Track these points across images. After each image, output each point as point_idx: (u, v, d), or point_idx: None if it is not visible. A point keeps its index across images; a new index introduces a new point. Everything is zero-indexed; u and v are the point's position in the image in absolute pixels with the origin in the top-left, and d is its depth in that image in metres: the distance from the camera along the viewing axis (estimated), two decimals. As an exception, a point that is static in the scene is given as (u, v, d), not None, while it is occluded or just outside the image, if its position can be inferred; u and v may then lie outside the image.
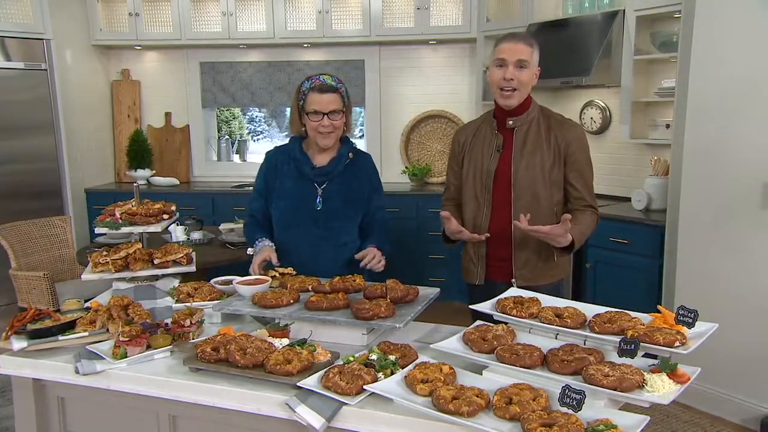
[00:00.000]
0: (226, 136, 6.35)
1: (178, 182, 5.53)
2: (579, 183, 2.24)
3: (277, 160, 2.45)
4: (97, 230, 2.13)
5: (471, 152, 2.31)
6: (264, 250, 2.31)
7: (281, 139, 7.51)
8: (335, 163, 2.39)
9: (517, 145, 2.23)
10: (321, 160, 2.41)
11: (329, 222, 2.38)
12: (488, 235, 2.24)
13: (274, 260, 2.25)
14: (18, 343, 1.74)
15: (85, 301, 2.09)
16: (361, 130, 6.01)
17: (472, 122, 2.45)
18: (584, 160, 2.25)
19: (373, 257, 2.28)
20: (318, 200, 2.37)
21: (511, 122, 2.23)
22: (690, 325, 1.52)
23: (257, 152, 6.75)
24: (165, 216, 2.19)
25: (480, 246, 2.30)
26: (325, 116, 2.28)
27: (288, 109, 7.36)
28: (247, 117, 7.94)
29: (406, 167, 5.44)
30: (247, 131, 7.75)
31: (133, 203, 2.16)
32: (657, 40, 3.79)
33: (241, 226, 3.82)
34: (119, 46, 5.51)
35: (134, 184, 2.36)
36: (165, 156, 5.70)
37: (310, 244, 2.37)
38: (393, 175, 5.48)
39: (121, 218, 2.10)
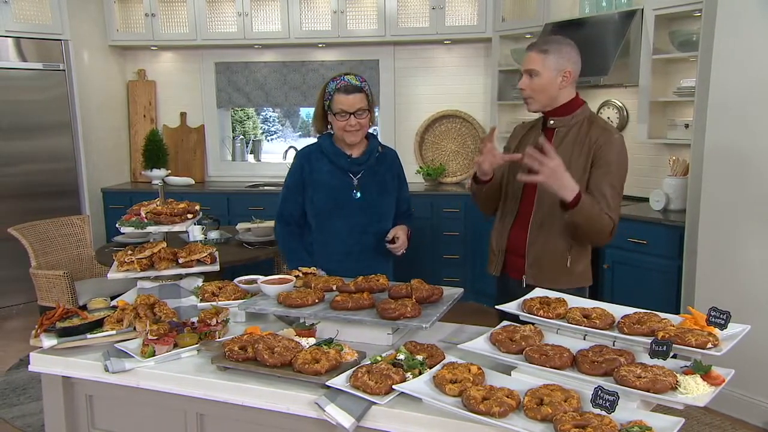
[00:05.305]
0: (241, 136, 6.37)
1: (193, 182, 5.53)
2: (596, 188, 2.08)
3: (310, 157, 2.50)
4: (123, 229, 2.14)
5: (519, 149, 2.24)
6: None
7: (295, 139, 7.55)
8: (368, 155, 2.50)
9: (553, 145, 2.13)
10: (353, 153, 2.49)
11: (368, 211, 2.48)
12: (520, 155, 2.07)
13: None
14: (48, 341, 1.75)
15: (111, 299, 2.11)
16: (375, 129, 6.01)
17: (532, 120, 2.39)
18: (611, 164, 2.10)
19: (401, 243, 2.47)
20: (355, 191, 2.46)
21: (552, 121, 2.21)
22: (722, 327, 1.51)
23: (271, 152, 6.77)
24: (189, 215, 2.20)
25: (501, 238, 2.30)
26: (351, 116, 2.37)
27: (302, 110, 7.40)
28: (261, 117, 7.96)
29: (421, 167, 5.43)
30: (260, 131, 7.77)
31: (158, 203, 2.17)
32: (676, 40, 3.76)
33: (258, 225, 3.83)
34: (135, 46, 5.55)
35: (158, 184, 2.38)
36: (180, 156, 5.72)
37: (352, 234, 2.46)
38: (407, 174, 5.37)
39: (146, 217, 2.11)
